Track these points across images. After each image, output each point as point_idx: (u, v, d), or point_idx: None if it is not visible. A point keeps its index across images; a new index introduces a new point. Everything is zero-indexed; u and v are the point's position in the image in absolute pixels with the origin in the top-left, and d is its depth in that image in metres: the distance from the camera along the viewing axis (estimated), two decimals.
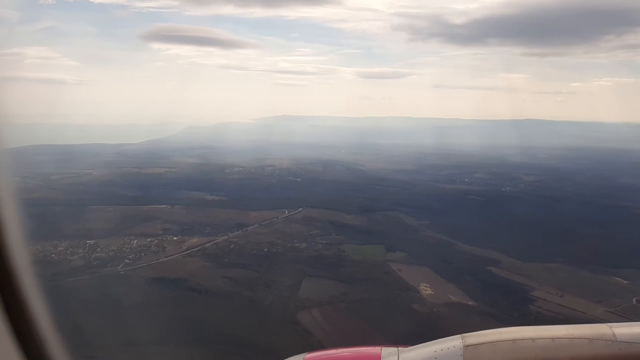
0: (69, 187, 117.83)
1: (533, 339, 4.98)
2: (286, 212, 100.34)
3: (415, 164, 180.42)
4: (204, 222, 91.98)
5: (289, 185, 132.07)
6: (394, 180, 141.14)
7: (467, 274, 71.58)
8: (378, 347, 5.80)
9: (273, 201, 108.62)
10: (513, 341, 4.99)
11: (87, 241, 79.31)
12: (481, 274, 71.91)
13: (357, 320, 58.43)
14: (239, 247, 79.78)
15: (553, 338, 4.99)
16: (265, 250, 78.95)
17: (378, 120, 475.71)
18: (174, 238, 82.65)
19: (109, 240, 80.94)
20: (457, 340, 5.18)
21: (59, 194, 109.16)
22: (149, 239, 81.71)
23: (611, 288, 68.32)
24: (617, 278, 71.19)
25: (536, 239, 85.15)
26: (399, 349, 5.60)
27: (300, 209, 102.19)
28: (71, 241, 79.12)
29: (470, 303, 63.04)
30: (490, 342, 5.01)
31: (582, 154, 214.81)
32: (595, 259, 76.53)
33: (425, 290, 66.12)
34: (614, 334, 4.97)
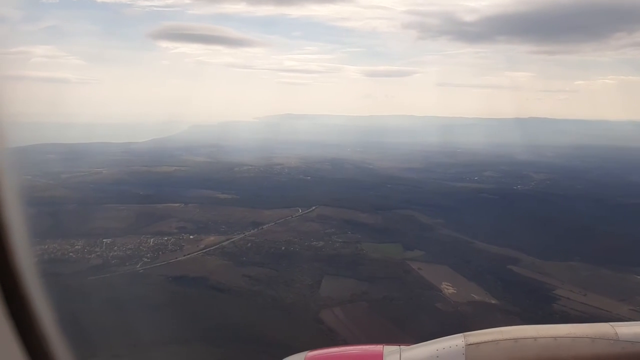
0: (80, 186, 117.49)
1: (535, 338, 4.95)
2: (300, 211, 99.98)
3: (422, 162, 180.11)
4: (219, 221, 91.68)
5: (300, 183, 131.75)
6: (404, 178, 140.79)
7: (488, 273, 71.19)
8: (380, 346, 5.76)
9: (285, 199, 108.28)
10: (515, 340, 4.97)
11: (104, 240, 79.10)
12: (502, 273, 71.54)
13: (381, 319, 58.08)
14: (256, 246, 79.44)
15: (555, 337, 4.96)
16: (282, 248, 78.61)
17: (381, 118, 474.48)
18: (191, 236, 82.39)
19: (125, 238, 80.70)
20: (459, 339, 5.16)
21: (71, 193, 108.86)
22: (166, 238, 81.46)
23: (633, 286, 67.86)
24: (639, 277, 70.82)
25: (553, 237, 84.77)
26: (401, 347, 5.58)
27: (313, 208, 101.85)
28: (88, 240, 78.90)
29: (493, 302, 62.69)
30: (492, 341, 5.00)
31: (589, 152, 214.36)
32: (614, 257, 75.91)
33: (447, 289, 65.78)
34: (617, 334, 4.94)
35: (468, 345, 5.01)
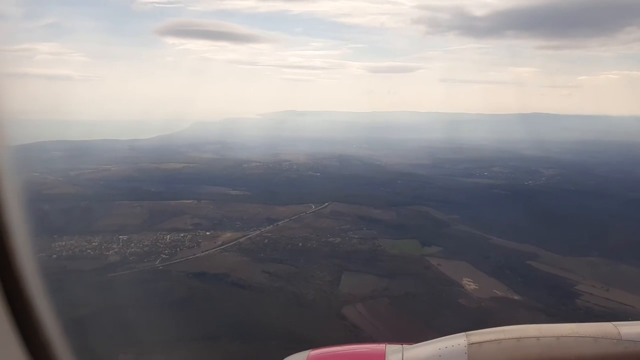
0: (90, 183, 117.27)
1: (538, 338, 4.95)
2: (313, 207, 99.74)
3: (429, 158, 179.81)
4: (233, 217, 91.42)
5: (309, 180, 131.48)
6: (413, 174, 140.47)
7: (507, 268, 71.01)
8: (382, 344, 5.77)
9: (297, 196, 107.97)
10: (518, 339, 4.97)
11: (120, 236, 78.80)
12: (522, 268, 71.34)
13: (405, 315, 57.85)
14: (273, 242, 79.17)
15: (558, 337, 4.96)
16: (299, 245, 78.34)
17: (385, 115, 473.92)
18: (207, 233, 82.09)
19: (141, 235, 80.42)
20: (462, 338, 5.17)
21: (82, 190, 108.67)
22: (182, 234, 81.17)
23: None
24: None
25: (570, 233, 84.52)
26: (404, 346, 5.58)
27: (326, 204, 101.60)
28: (104, 236, 78.62)
29: (516, 298, 62.48)
30: (494, 340, 5.01)
31: (595, 148, 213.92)
32: (632, 253, 75.66)
33: (468, 284, 65.55)
34: (619, 333, 4.93)
35: (470, 344, 5.02)
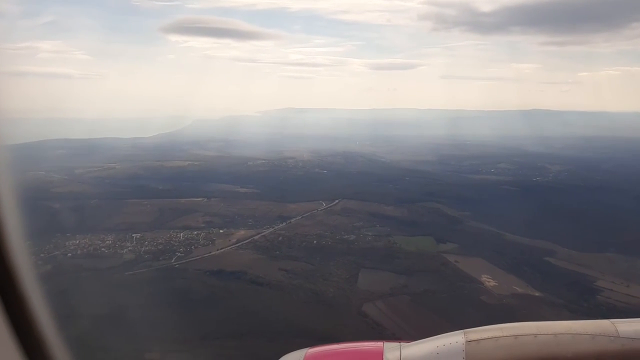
0: (97, 181, 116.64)
1: (535, 335, 4.95)
2: (324, 204, 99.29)
3: (434, 155, 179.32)
4: (245, 215, 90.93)
5: (317, 177, 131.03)
6: (420, 171, 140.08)
7: (525, 265, 70.78)
8: (380, 342, 5.71)
9: (307, 193, 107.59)
10: (515, 337, 4.95)
11: (133, 234, 78.25)
12: (539, 265, 71.10)
13: (428, 312, 57.48)
14: (288, 240, 78.73)
15: (555, 334, 4.96)
16: (314, 242, 77.88)
17: (385, 112, 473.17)
18: (220, 230, 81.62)
19: (154, 233, 79.90)
20: (460, 335, 5.14)
21: (90, 188, 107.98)
22: (195, 232, 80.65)
23: None
24: None
25: (584, 229, 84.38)
26: (401, 344, 5.55)
27: (336, 201, 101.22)
28: (117, 234, 78.16)
29: (537, 294, 62.23)
30: (492, 338, 5.00)
31: (597, 144, 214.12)
32: None
33: (488, 281, 65.25)
34: (617, 330, 4.92)
35: (468, 341, 5.00)
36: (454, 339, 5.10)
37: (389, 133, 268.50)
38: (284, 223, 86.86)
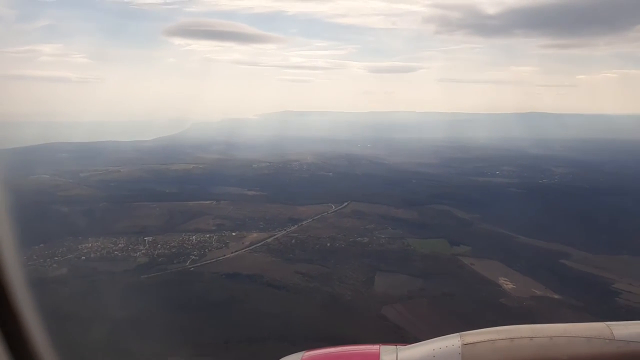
0: (102, 185, 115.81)
1: (531, 338, 4.97)
2: (333, 207, 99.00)
3: (435, 158, 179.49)
4: (255, 217, 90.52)
5: (322, 179, 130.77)
6: (425, 173, 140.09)
7: (541, 267, 70.49)
8: (377, 345, 5.77)
9: (315, 196, 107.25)
10: (511, 340, 4.98)
11: (145, 238, 77.65)
12: (555, 267, 70.94)
13: (448, 315, 57.04)
14: (301, 242, 78.34)
15: (551, 337, 4.98)
16: (327, 245, 77.56)
17: (383, 114, 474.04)
18: (233, 233, 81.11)
19: (166, 236, 79.37)
20: (456, 338, 5.16)
21: (96, 192, 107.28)
22: (207, 235, 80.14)
23: None
24: None
25: (596, 231, 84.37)
26: (398, 347, 5.58)
27: (345, 204, 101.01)
28: (129, 238, 77.60)
29: (556, 297, 61.98)
30: (488, 341, 5.03)
31: (597, 146, 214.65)
32: None
33: (506, 284, 65.04)
34: (612, 333, 4.93)
35: (464, 344, 5.01)
36: (450, 342, 5.11)
37: (389, 136, 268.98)
38: (296, 226, 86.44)
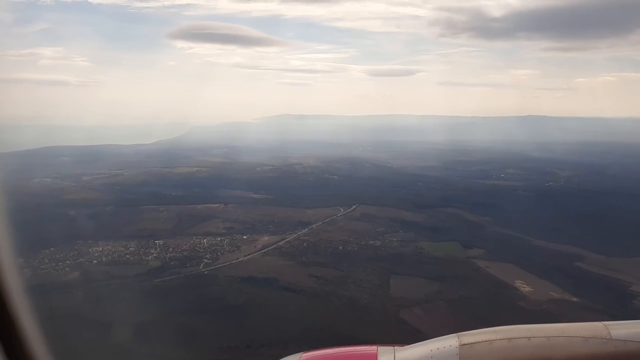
0: (106, 188, 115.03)
1: (528, 338, 4.95)
2: (342, 210, 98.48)
3: (438, 161, 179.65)
4: (265, 221, 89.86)
5: (327, 182, 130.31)
6: (430, 176, 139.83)
7: (556, 270, 70.11)
8: (374, 346, 5.72)
9: (322, 199, 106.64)
10: (509, 340, 4.96)
11: (156, 241, 76.92)
12: (571, 270, 70.56)
13: (467, 318, 56.43)
14: (313, 246, 77.75)
15: (548, 337, 4.96)
16: (340, 248, 76.99)
17: (383, 118, 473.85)
18: (244, 237, 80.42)
19: (176, 240, 78.64)
20: (453, 339, 5.14)
21: (101, 195, 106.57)
22: (219, 238, 79.46)
23: None
24: None
25: (608, 234, 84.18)
26: (395, 348, 5.54)
27: (354, 207, 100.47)
28: (139, 241, 76.88)
29: (574, 299, 61.56)
30: (486, 341, 4.98)
31: (598, 149, 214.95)
32: None
33: (523, 287, 64.57)
34: (609, 333, 4.94)
35: (462, 345, 4.99)
36: (448, 343, 5.08)
37: (389, 139, 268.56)
38: (306, 229, 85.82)
